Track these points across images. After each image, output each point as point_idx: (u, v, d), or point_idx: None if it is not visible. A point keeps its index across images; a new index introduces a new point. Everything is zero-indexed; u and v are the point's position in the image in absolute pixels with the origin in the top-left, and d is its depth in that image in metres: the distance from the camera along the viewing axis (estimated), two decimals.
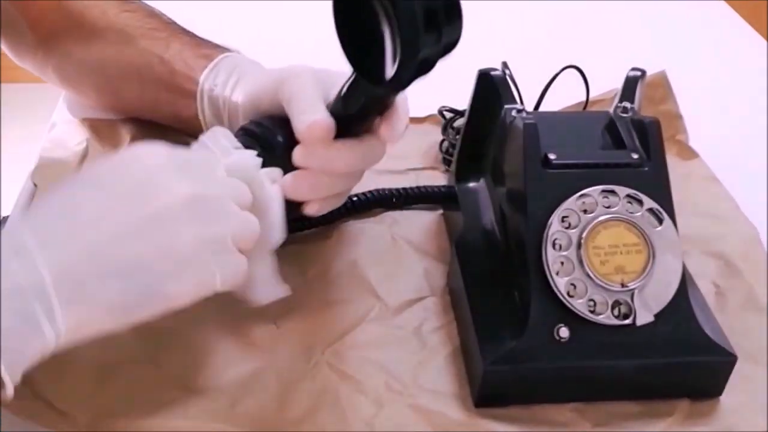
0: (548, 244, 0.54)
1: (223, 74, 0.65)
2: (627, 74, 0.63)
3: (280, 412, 0.53)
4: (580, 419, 0.54)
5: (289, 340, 0.58)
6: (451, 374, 0.56)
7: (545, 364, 0.53)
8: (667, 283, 0.54)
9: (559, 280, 0.53)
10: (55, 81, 0.76)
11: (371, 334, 0.59)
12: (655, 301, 0.54)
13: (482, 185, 0.65)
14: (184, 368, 0.56)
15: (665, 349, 0.54)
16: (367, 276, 0.63)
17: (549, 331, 0.53)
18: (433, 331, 0.59)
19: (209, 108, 0.65)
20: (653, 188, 0.56)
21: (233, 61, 0.66)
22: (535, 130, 0.57)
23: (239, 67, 0.65)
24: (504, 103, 0.61)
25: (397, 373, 0.56)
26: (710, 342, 0.54)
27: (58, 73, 0.75)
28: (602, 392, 0.55)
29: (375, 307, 0.61)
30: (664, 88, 0.79)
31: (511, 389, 0.54)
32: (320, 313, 0.60)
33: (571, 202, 0.55)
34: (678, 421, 0.54)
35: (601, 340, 0.53)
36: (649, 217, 0.55)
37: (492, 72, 0.64)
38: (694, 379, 0.55)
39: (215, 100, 0.64)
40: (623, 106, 0.61)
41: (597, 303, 0.53)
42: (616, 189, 0.55)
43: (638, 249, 0.54)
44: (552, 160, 0.56)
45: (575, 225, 0.54)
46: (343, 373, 0.56)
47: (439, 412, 0.54)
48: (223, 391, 0.54)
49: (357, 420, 0.53)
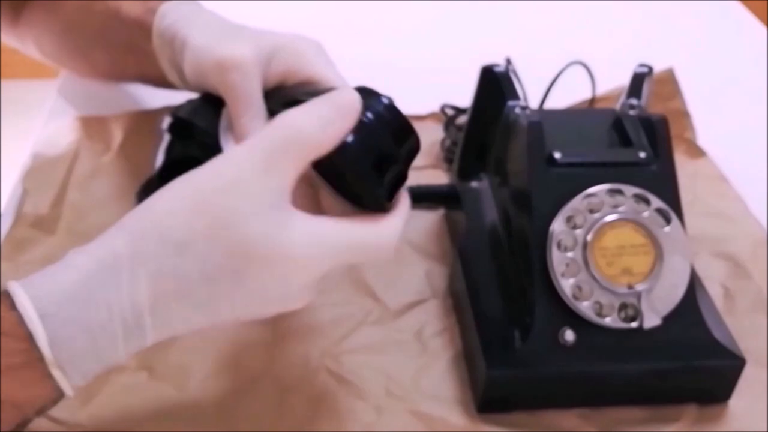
0: (553, 245, 0.53)
1: (169, 35, 0.61)
2: (634, 71, 0.62)
3: (277, 417, 0.53)
4: (586, 425, 0.53)
5: (287, 343, 0.57)
6: (453, 379, 0.56)
7: (550, 369, 0.53)
8: (675, 285, 0.53)
9: (564, 281, 0.52)
10: (35, 53, 0.76)
11: (371, 338, 0.58)
12: (663, 304, 0.53)
13: (485, 184, 0.64)
14: (179, 373, 0.55)
15: (673, 352, 0.53)
16: (367, 278, 0.62)
17: (554, 335, 0.52)
18: (434, 335, 0.59)
19: (174, 70, 0.63)
20: (661, 187, 0.55)
21: (174, 15, 0.62)
22: (540, 128, 0.56)
23: (181, 26, 0.61)
24: (507, 100, 0.61)
25: (397, 378, 0.55)
26: (719, 345, 0.53)
27: (36, 45, 0.74)
28: (608, 397, 0.54)
29: (375, 310, 0.60)
30: (671, 85, 0.78)
31: (515, 394, 0.54)
32: (319, 316, 0.59)
33: (577, 201, 0.54)
34: (686, 426, 0.54)
35: (607, 344, 0.52)
36: (656, 217, 0.54)
37: (495, 68, 0.63)
38: (702, 383, 0.54)
39: (176, 64, 0.62)
40: (630, 103, 0.60)
41: (603, 305, 0.52)
42: (623, 188, 0.55)
43: (645, 250, 0.53)
44: (557, 158, 0.55)
45: (581, 225, 0.53)
46: (342, 377, 0.55)
47: (441, 418, 0.53)
48: (220, 395, 0.54)
49: (356, 426, 0.52)
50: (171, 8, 0.63)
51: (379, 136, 0.47)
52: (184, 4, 0.63)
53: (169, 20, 0.62)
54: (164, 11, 0.62)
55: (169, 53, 0.62)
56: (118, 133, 0.72)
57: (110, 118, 0.73)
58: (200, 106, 0.59)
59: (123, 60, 0.69)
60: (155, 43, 0.63)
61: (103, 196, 0.67)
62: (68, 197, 0.67)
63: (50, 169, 0.69)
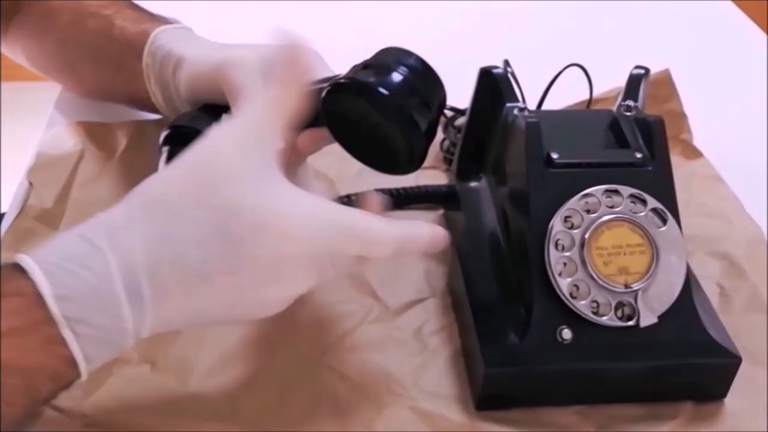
0: (551, 245, 0.53)
1: (161, 54, 0.63)
2: (630, 72, 0.63)
3: (279, 413, 0.53)
4: (583, 422, 0.54)
5: (289, 341, 0.57)
6: (452, 376, 0.56)
7: (547, 366, 0.53)
8: (671, 284, 0.54)
9: (561, 281, 0.53)
10: (25, 63, 0.75)
11: (371, 336, 0.58)
12: (659, 303, 0.53)
13: (484, 185, 0.65)
14: (181, 367, 0.55)
15: (669, 351, 0.53)
16: (367, 277, 0.62)
17: (551, 333, 0.52)
18: (433, 333, 0.59)
19: (159, 90, 0.63)
20: (657, 188, 0.55)
21: (168, 37, 0.63)
22: (538, 129, 0.56)
23: (175, 45, 0.62)
24: (506, 101, 0.61)
25: (397, 375, 0.55)
26: (714, 344, 0.54)
27: (26, 55, 0.74)
28: (605, 395, 0.55)
29: (375, 308, 0.60)
30: (668, 87, 0.78)
31: (513, 392, 0.54)
32: (320, 315, 0.59)
33: (574, 201, 0.54)
34: (682, 423, 0.54)
35: (604, 342, 0.53)
36: (653, 217, 0.55)
37: (494, 70, 0.64)
38: (698, 381, 0.55)
39: (164, 83, 0.63)
40: (627, 104, 0.60)
41: (600, 304, 0.53)
42: (620, 189, 0.55)
43: (642, 249, 0.53)
44: (555, 159, 0.56)
45: (578, 225, 0.54)
46: (343, 375, 0.55)
47: (440, 414, 0.53)
48: (221, 391, 0.54)
49: (357, 422, 0.53)
50: (165, 31, 0.64)
51: (414, 85, 0.49)
52: (179, 30, 0.65)
53: (162, 41, 0.63)
54: (158, 33, 0.64)
55: (158, 73, 0.63)
56: (122, 139, 0.72)
57: (115, 125, 0.73)
58: (200, 115, 0.59)
59: (111, 78, 0.69)
60: (145, 62, 0.63)
61: (107, 198, 0.67)
62: (72, 195, 0.67)
63: (55, 167, 0.69)
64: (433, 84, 0.51)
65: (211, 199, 0.44)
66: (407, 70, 0.49)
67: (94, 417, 0.52)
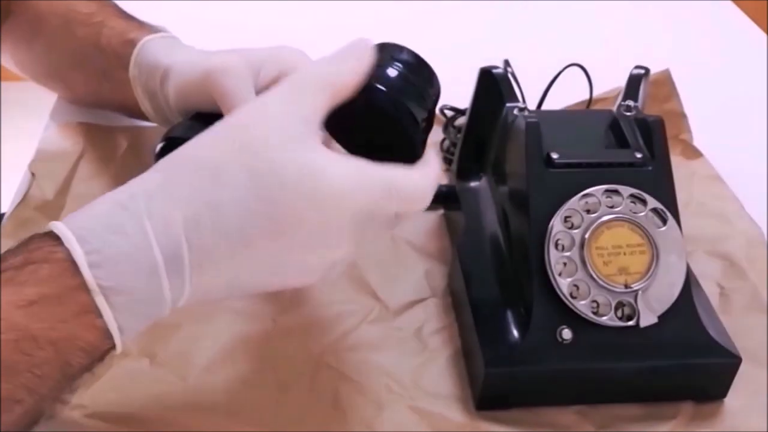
0: (551, 245, 0.53)
1: (147, 65, 0.62)
2: (630, 72, 0.63)
3: (278, 411, 0.53)
4: (583, 422, 0.54)
5: (289, 340, 0.57)
6: (452, 376, 0.56)
7: (547, 366, 0.53)
8: (671, 284, 0.54)
9: (561, 281, 0.53)
10: (14, 68, 0.75)
11: (371, 336, 0.58)
12: (659, 303, 0.53)
13: (484, 185, 0.65)
14: (180, 362, 0.55)
15: (669, 351, 0.53)
16: (367, 277, 0.62)
17: (551, 333, 0.52)
18: (433, 333, 0.59)
19: (147, 100, 0.63)
20: (657, 188, 0.55)
21: (154, 47, 0.63)
22: (538, 129, 0.56)
23: (161, 56, 0.62)
24: (506, 101, 0.61)
25: (397, 375, 0.55)
26: (714, 344, 0.54)
27: (15, 59, 0.74)
28: (605, 394, 0.55)
29: (375, 308, 0.60)
30: (668, 87, 0.78)
31: (513, 391, 0.54)
32: (320, 314, 0.59)
33: (574, 202, 0.54)
34: (682, 423, 0.54)
35: (604, 342, 0.53)
36: (652, 217, 0.55)
37: (494, 70, 0.64)
38: (698, 381, 0.55)
39: (152, 93, 0.62)
40: (627, 104, 0.60)
41: (600, 304, 0.53)
42: (620, 189, 0.55)
43: (642, 249, 0.53)
44: (554, 159, 0.56)
45: (578, 225, 0.54)
46: (343, 374, 0.55)
47: (440, 414, 0.53)
48: (220, 387, 0.54)
49: (357, 421, 0.53)
50: (152, 41, 0.64)
51: (409, 79, 0.49)
52: (164, 39, 0.64)
53: (148, 51, 0.63)
54: (144, 43, 0.63)
55: (145, 84, 0.63)
56: (123, 143, 0.72)
57: (116, 128, 0.73)
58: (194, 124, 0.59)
59: (99, 86, 0.69)
60: (131, 72, 0.63)
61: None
62: (73, 189, 0.67)
63: (57, 161, 0.69)
64: (428, 76, 0.51)
65: (254, 162, 0.43)
66: (402, 65, 0.50)
67: (92, 408, 0.52)
